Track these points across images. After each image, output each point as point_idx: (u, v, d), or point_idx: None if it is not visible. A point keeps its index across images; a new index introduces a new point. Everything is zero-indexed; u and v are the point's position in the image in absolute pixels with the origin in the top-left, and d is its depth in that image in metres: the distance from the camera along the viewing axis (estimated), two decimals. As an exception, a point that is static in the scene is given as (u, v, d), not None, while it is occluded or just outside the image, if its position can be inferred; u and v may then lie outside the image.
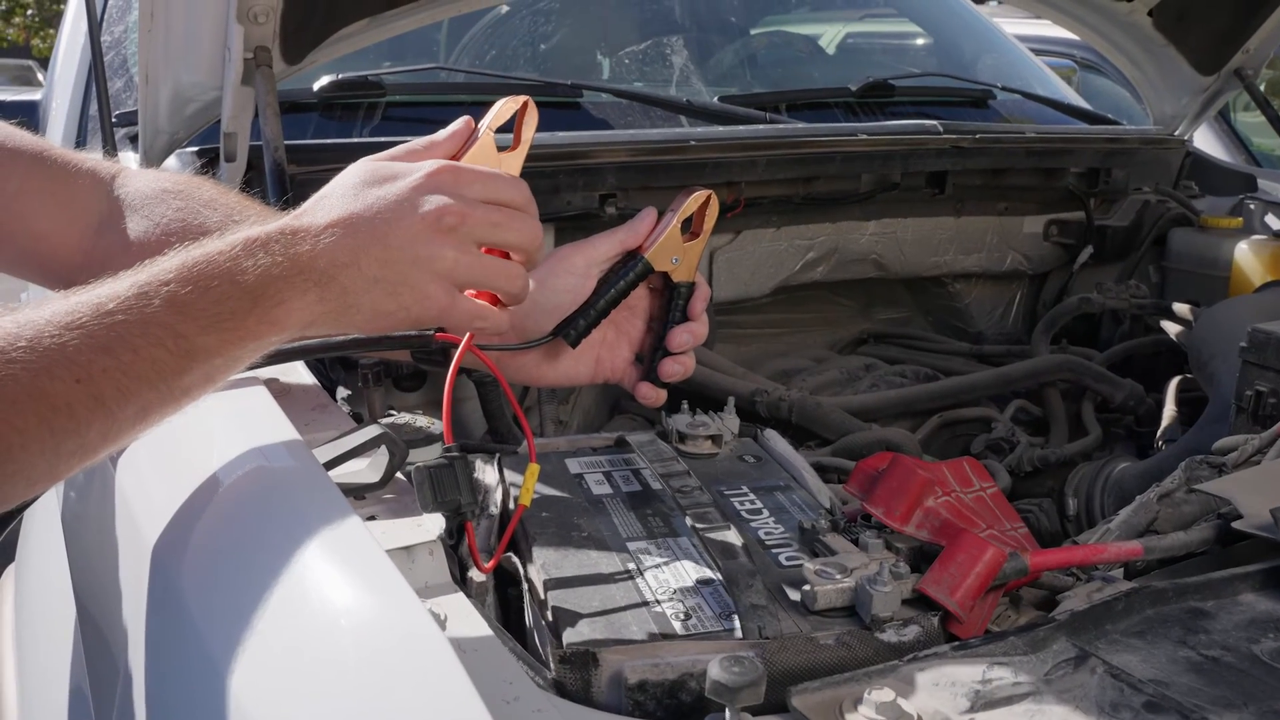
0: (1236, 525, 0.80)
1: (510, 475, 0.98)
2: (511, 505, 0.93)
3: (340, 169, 0.84)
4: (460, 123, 0.89)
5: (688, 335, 1.00)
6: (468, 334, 0.85)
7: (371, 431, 0.81)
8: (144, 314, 0.69)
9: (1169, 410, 1.52)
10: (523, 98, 0.90)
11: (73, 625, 1.02)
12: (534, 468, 0.85)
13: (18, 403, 0.64)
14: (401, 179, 0.81)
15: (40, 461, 0.66)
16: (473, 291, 0.85)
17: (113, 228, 1.00)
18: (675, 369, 1.00)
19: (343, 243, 0.78)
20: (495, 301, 0.87)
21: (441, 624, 0.67)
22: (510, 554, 0.86)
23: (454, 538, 0.83)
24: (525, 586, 0.80)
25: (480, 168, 0.85)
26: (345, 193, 0.81)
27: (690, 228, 1.00)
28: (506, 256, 0.86)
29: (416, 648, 0.56)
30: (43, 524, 1.37)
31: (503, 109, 0.89)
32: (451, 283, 0.81)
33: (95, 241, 1.00)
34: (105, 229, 1.00)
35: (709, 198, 0.98)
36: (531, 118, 0.90)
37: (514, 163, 0.89)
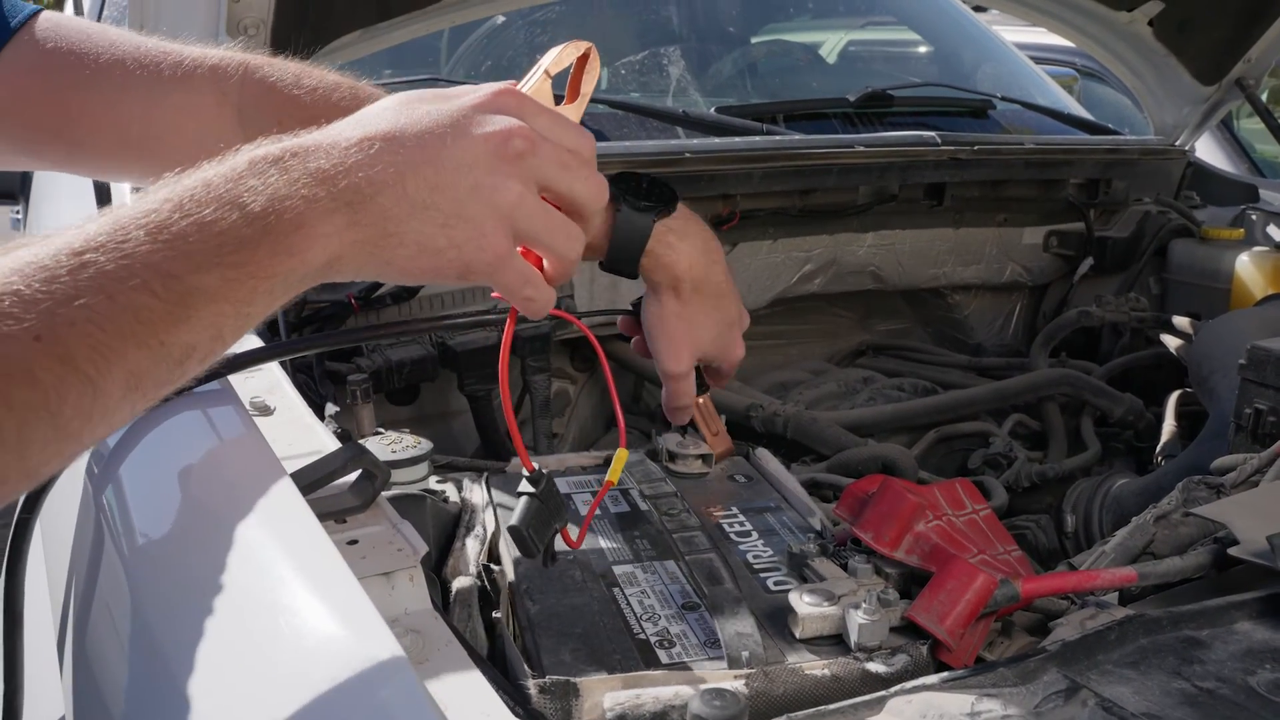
0: (1233, 551, 0.79)
1: (498, 496, 0.97)
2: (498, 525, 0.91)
3: None
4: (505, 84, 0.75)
5: None
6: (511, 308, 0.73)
7: (352, 452, 0.79)
8: (121, 251, 0.54)
9: (1169, 425, 1.50)
10: (585, 44, 0.79)
11: (51, 640, 1.01)
12: (623, 452, 0.81)
13: None
14: (458, 98, 0.68)
15: (1, 451, 0.51)
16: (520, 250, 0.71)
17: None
18: None
19: (383, 157, 0.63)
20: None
21: (420, 652, 0.66)
22: (493, 568, 0.85)
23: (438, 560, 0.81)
24: (507, 611, 0.79)
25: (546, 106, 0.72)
26: (384, 109, 0.67)
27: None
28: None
29: (385, 679, 0.55)
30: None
31: (562, 54, 0.77)
32: (511, 227, 0.67)
33: None
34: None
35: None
36: (594, 68, 0.79)
37: (571, 116, 0.76)
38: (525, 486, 0.76)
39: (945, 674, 0.67)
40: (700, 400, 1.02)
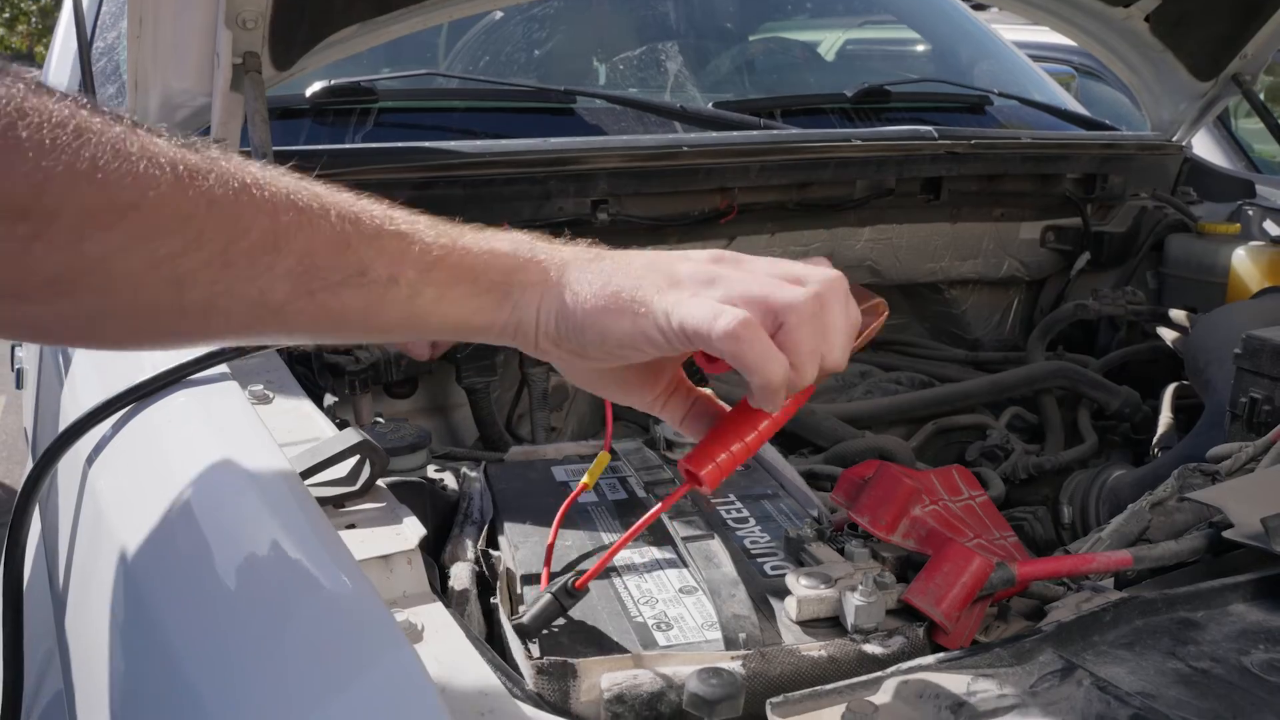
0: (1228, 534, 0.79)
1: (497, 485, 0.97)
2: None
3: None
4: None
5: None
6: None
7: (350, 438, 0.80)
8: (315, 194, 0.61)
9: (1165, 417, 1.51)
10: (881, 301, 0.76)
11: (50, 626, 1.01)
12: (604, 455, 0.80)
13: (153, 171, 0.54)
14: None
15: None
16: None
17: None
18: None
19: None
20: None
21: (418, 634, 0.66)
22: (490, 554, 0.85)
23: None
24: (504, 596, 0.79)
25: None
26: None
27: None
28: None
29: (384, 660, 0.55)
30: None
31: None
32: (762, 310, 0.63)
33: None
34: None
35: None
36: (880, 324, 0.76)
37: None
38: (561, 592, 0.72)
39: (941, 655, 0.68)
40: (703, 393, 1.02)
